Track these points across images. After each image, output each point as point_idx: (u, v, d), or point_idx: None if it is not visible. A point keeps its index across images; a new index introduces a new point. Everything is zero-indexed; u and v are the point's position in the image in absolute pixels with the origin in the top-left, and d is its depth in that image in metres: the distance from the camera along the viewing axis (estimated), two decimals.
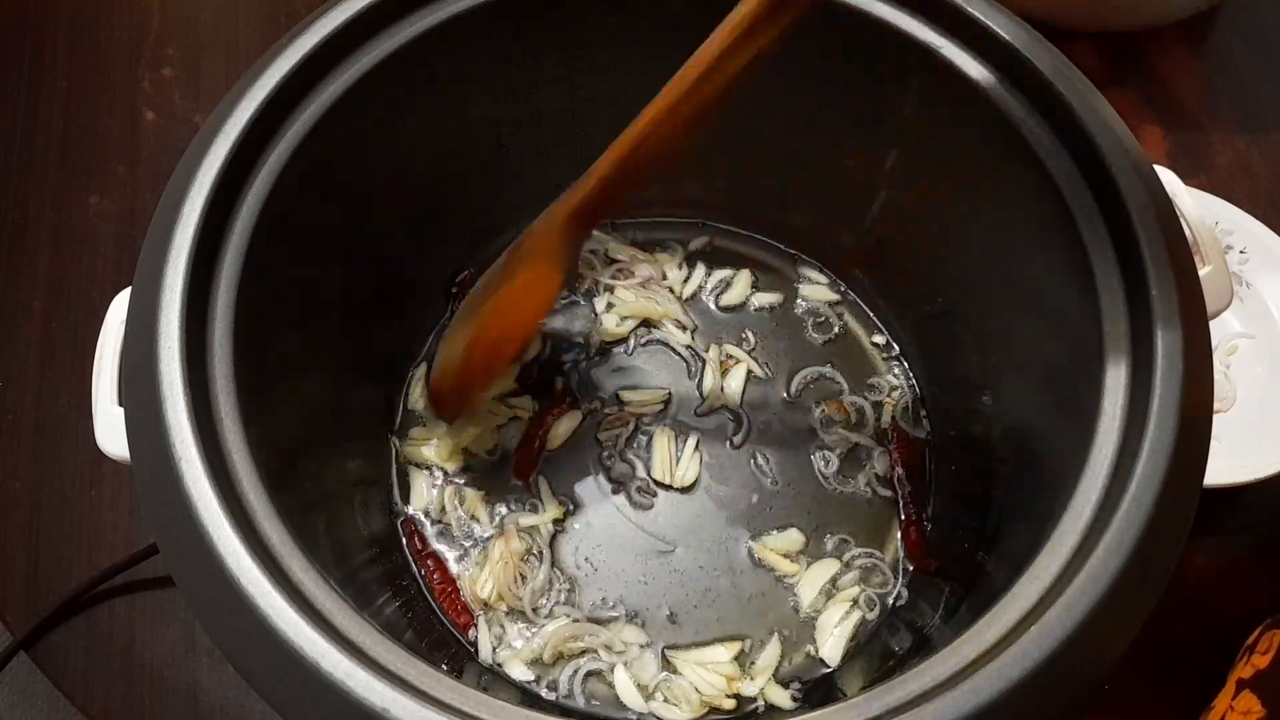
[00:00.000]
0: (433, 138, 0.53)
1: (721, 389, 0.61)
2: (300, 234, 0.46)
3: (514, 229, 0.65)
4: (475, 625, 0.55)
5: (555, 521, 0.57)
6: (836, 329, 0.64)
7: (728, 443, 0.60)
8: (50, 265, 0.70)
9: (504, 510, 0.58)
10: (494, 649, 0.54)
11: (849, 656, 0.55)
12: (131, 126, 0.75)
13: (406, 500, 0.58)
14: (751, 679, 0.54)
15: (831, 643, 0.55)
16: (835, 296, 0.65)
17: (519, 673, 0.54)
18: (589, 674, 0.54)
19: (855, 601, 0.56)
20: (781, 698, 0.53)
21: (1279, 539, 0.62)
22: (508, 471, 0.59)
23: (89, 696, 0.57)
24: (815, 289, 0.65)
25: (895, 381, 0.62)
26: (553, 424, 0.60)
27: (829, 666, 0.54)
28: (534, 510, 0.58)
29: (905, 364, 0.63)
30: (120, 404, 0.43)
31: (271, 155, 0.44)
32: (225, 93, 0.44)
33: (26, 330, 0.68)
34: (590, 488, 0.59)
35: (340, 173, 0.48)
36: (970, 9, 0.46)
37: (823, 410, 0.61)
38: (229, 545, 0.36)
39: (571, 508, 0.58)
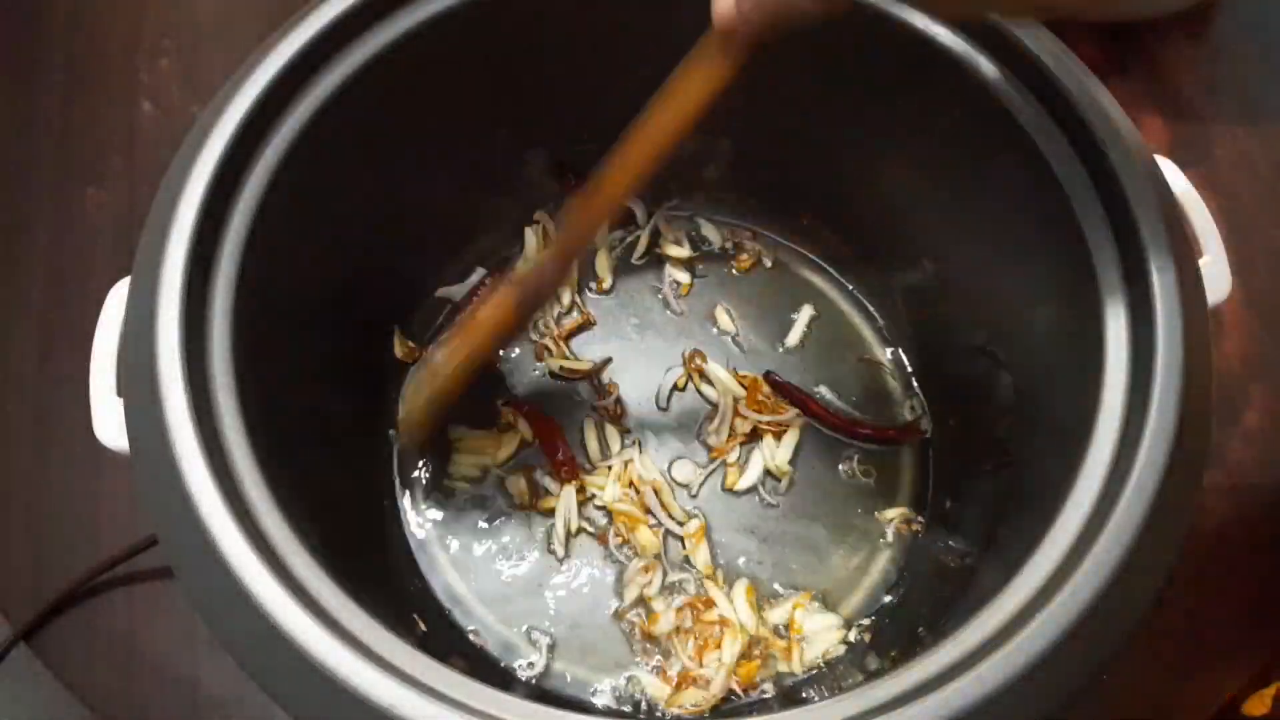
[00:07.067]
0: (431, 131, 0.53)
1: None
2: (298, 226, 0.46)
3: (514, 228, 0.65)
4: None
5: None
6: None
7: None
8: (48, 257, 0.70)
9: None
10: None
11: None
12: (129, 118, 0.75)
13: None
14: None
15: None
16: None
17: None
18: None
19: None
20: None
21: None
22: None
23: (89, 687, 0.57)
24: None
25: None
26: None
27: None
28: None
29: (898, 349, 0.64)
30: (119, 395, 0.43)
31: (269, 147, 0.44)
32: (223, 84, 0.44)
33: (25, 322, 0.67)
34: None
35: (337, 164, 0.47)
36: None
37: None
38: (230, 540, 0.36)
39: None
